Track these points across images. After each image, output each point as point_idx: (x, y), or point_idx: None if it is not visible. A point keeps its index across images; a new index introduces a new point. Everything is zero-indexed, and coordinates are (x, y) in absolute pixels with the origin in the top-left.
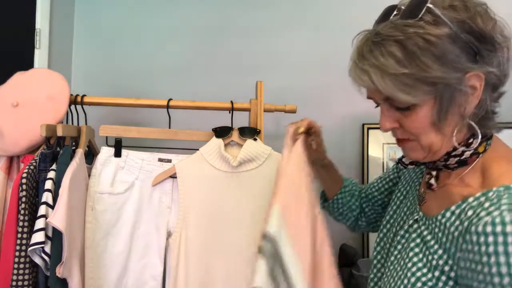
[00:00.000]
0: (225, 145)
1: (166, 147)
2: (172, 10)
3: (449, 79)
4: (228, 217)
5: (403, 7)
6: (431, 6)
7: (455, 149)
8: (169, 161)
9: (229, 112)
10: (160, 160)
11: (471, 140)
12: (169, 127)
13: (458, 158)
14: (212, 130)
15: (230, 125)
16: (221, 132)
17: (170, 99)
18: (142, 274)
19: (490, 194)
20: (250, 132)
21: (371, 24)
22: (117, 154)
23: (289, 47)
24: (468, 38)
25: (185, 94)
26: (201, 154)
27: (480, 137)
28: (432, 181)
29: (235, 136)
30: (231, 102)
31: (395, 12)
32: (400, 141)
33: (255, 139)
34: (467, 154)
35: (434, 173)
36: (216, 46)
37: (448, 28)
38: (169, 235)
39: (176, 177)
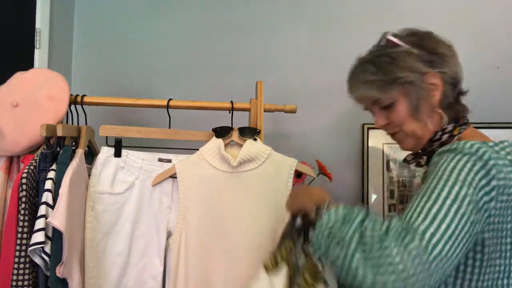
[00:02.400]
0: (225, 145)
1: (166, 147)
2: (172, 10)
3: (407, 78)
4: (228, 217)
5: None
6: (389, 37)
7: (435, 135)
8: (169, 161)
9: (229, 112)
10: (160, 160)
11: (445, 126)
12: (169, 127)
13: (438, 141)
14: (212, 130)
15: (230, 125)
16: (221, 132)
17: (170, 99)
18: (142, 274)
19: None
20: (250, 132)
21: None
22: (117, 154)
23: (289, 46)
24: (419, 52)
25: (185, 94)
26: (201, 154)
27: (446, 119)
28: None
29: (235, 136)
30: (231, 102)
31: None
32: (393, 136)
33: (255, 139)
34: (445, 137)
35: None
36: (216, 46)
37: (403, 48)
38: (169, 235)
39: (176, 177)
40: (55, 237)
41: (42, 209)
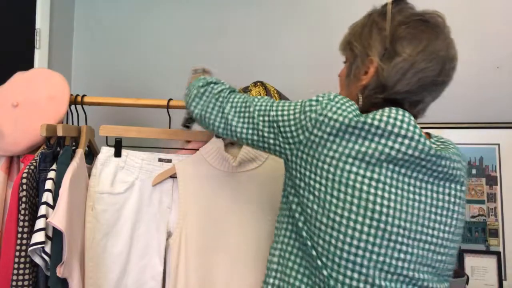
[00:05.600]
0: (225, 145)
1: (166, 147)
2: (172, 10)
3: (356, 49)
4: (228, 217)
5: None
6: (389, 4)
7: None
8: (169, 161)
9: None
10: (160, 160)
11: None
12: (169, 127)
13: None
14: None
15: None
16: None
17: (170, 99)
18: (142, 274)
19: None
20: None
21: None
22: (117, 154)
23: (289, 47)
24: (386, 36)
25: None
26: (201, 154)
27: (360, 103)
28: None
29: None
30: None
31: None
32: None
33: None
34: None
35: None
36: (215, 46)
37: (384, 23)
38: (169, 235)
39: (176, 177)
40: (56, 237)
41: (42, 209)
